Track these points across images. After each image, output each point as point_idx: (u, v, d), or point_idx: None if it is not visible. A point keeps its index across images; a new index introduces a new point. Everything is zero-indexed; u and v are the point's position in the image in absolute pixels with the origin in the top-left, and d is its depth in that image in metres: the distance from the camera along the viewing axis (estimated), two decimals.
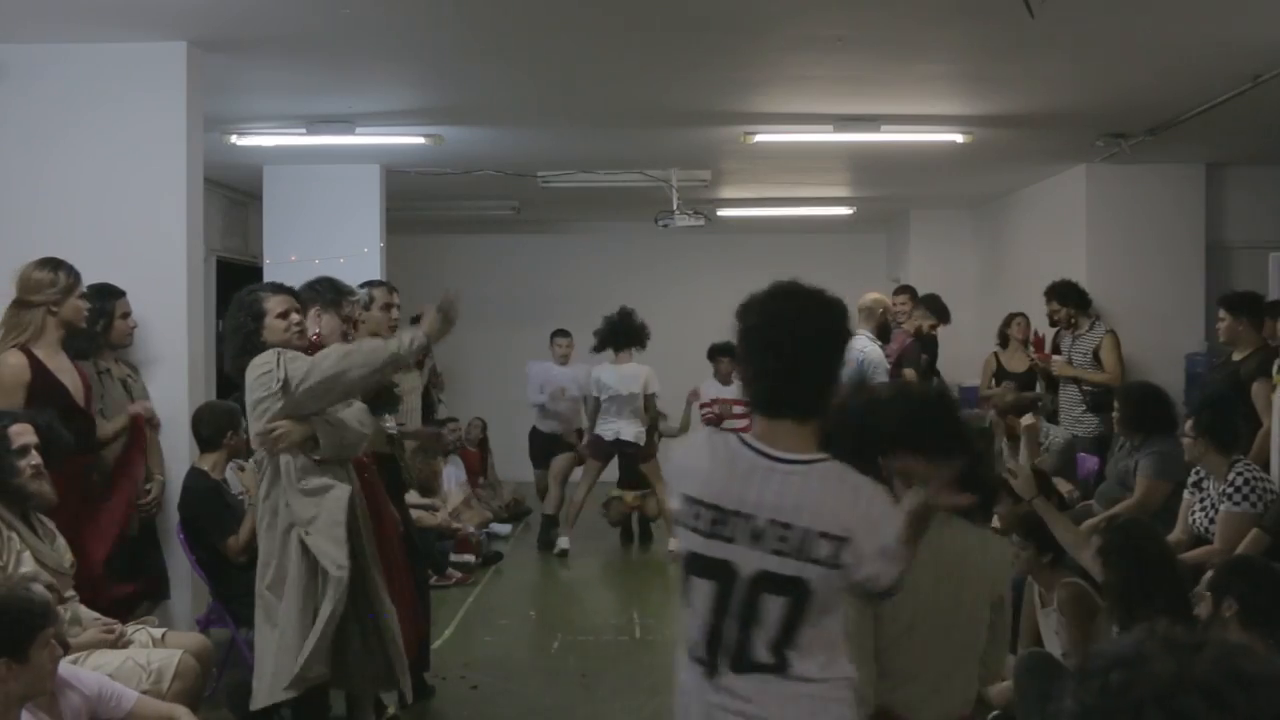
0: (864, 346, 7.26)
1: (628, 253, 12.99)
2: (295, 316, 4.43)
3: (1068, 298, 8.07)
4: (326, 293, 4.95)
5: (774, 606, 2.34)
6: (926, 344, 8.31)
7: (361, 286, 5.32)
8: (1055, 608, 4.56)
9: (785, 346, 2.40)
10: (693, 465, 2.50)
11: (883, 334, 7.66)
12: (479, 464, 10.48)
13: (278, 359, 4.16)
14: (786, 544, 2.33)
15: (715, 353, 9.17)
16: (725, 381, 8.94)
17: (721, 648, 2.39)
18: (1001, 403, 7.40)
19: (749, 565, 2.36)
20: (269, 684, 4.14)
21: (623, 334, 8.89)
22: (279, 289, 4.51)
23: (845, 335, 2.52)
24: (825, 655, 2.39)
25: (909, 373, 7.91)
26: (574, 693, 5.82)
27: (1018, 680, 4.24)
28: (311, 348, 4.77)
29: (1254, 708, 1.17)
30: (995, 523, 5.82)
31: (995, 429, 8.35)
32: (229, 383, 7.76)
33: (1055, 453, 7.24)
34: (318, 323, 4.90)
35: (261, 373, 4.16)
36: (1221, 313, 6.40)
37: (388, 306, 5.38)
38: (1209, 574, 3.78)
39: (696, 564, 2.43)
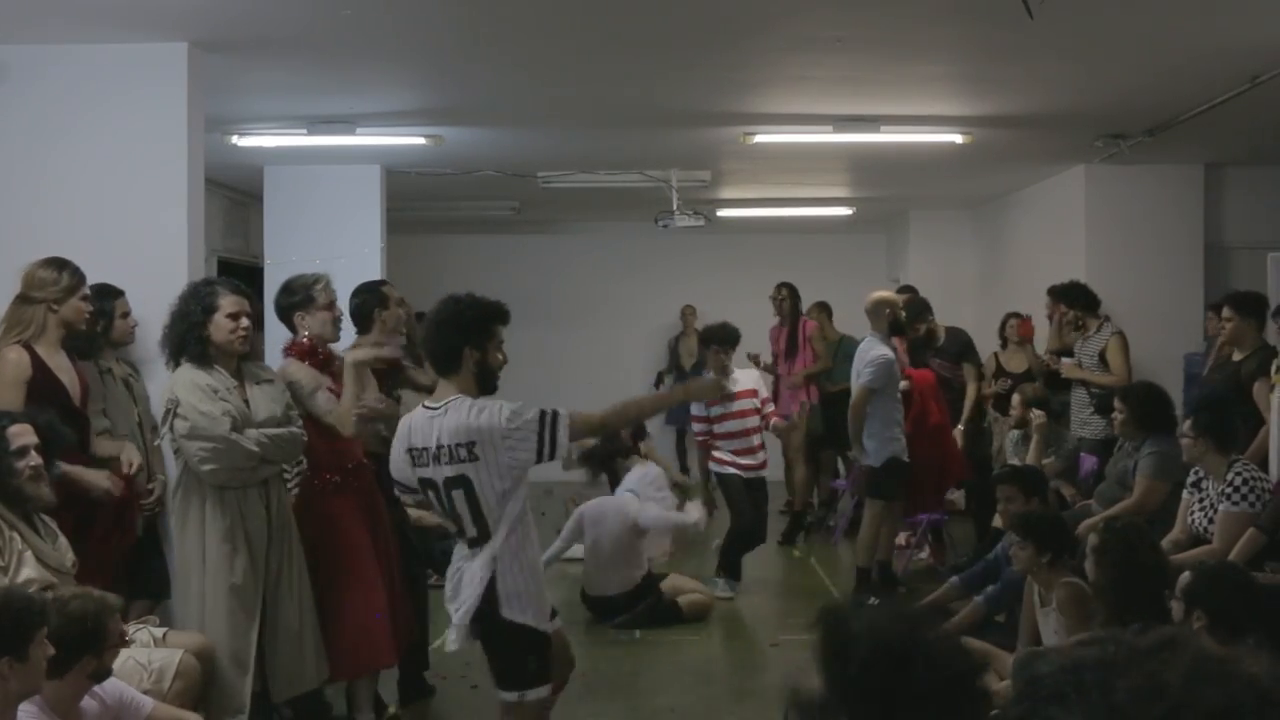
0: (873, 348, 7.22)
1: (628, 253, 12.99)
2: (245, 321, 4.52)
3: (1075, 299, 8.02)
4: (292, 297, 4.97)
5: (459, 498, 3.76)
6: (927, 343, 8.27)
7: (378, 286, 5.37)
8: (1054, 608, 4.57)
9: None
10: (402, 431, 3.93)
11: (896, 332, 7.58)
12: None
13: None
14: (450, 455, 3.74)
15: (706, 339, 7.90)
16: (720, 370, 7.50)
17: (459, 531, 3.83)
18: (1027, 395, 7.37)
19: (439, 476, 3.77)
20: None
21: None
22: (238, 289, 4.60)
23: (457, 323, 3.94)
24: (507, 527, 3.75)
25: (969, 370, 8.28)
26: (574, 693, 5.83)
27: (1015, 680, 4.24)
28: (302, 352, 4.81)
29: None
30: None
31: (995, 427, 8.37)
32: None
33: (1062, 456, 7.21)
34: (304, 326, 4.91)
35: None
36: (1228, 312, 6.38)
37: (399, 303, 5.38)
38: (1184, 579, 3.77)
39: (422, 484, 3.86)
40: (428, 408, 3.84)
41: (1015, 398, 7.43)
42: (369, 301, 5.19)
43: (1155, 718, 1.02)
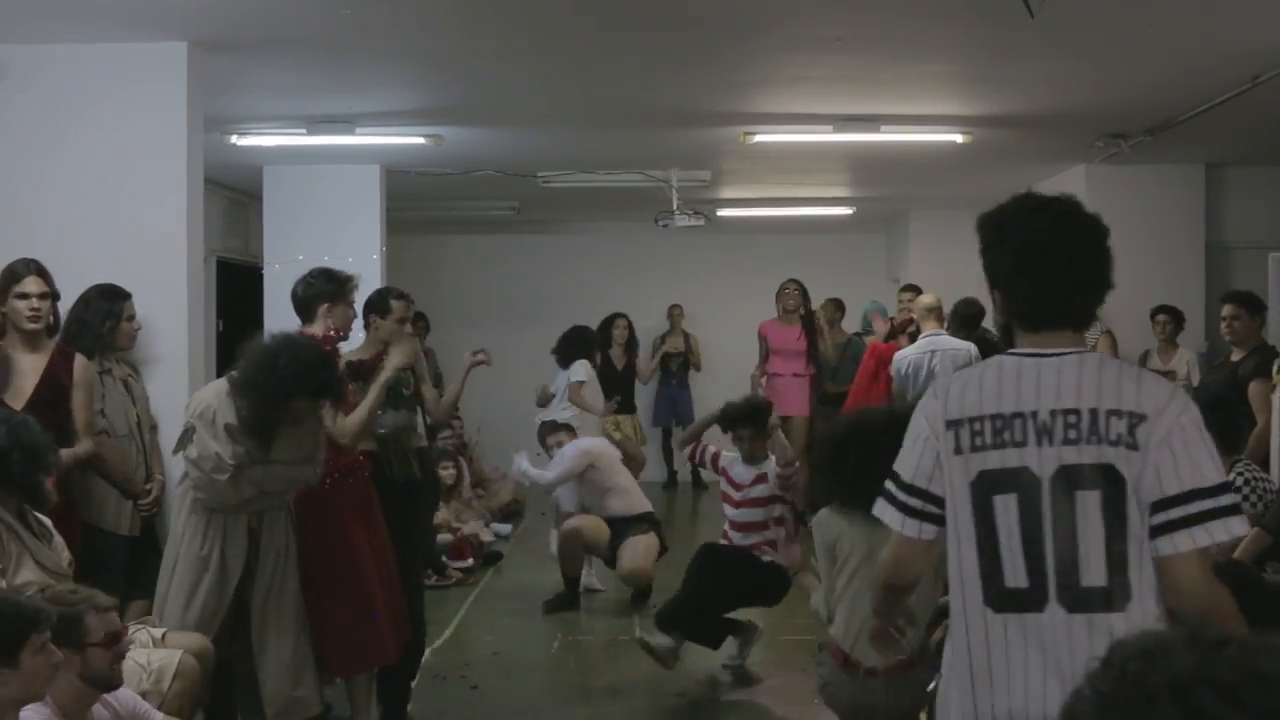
0: (954, 345, 7.27)
1: (628, 253, 12.98)
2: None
3: None
4: (327, 286, 4.97)
5: (1090, 505, 2.10)
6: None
7: (388, 296, 5.35)
8: None
9: (1061, 261, 2.36)
10: (958, 391, 2.30)
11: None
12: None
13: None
14: (1077, 430, 2.15)
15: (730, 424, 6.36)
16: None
17: (1047, 572, 2.11)
18: None
19: (1047, 463, 2.16)
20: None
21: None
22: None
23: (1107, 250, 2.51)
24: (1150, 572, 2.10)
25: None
26: (574, 693, 5.83)
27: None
28: (326, 341, 4.80)
29: (1270, 707, 1.16)
30: None
31: None
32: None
33: None
34: (328, 319, 4.91)
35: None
36: (1233, 309, 6.38)
37: (403, 320, 5.31)
38: None
39: (988, 481, 2.20)
40: (1029, 354, 2.30)
41: None
42: (374, 303, 5.28)
43: None
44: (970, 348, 7.26)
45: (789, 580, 5.93)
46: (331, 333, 4.93)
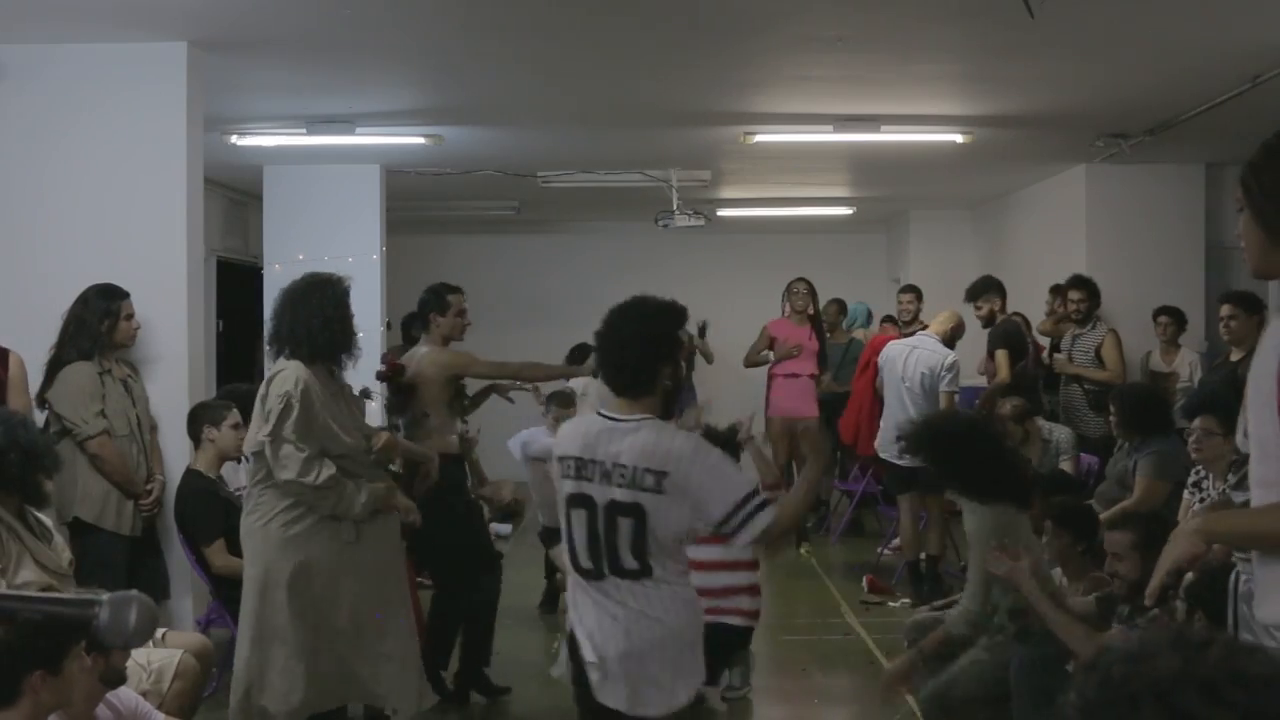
0: (932, 348, 7.39)
1: (628, 253, 12.98)
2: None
3: (1093, 289, 8.01)
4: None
5: (625, 525, 3.12)
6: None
7: (443, 292, 5.53)
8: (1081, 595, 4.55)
9: (617, 346, 3.27)
10: (566, 433, 3.34)
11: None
12: None
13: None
14: (624, 478, 3.11)
15: None
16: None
17: (602, 558, 3.15)
18: (1004, 412, 7.31)
19: (603, 497, 3.14)
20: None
21: None
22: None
23: (664, 337, 3.30)
24: (673, 562, 3.15)
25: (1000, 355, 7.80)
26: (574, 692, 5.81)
27: (1015, 679, 4.24)
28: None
29: (1254, 707, 1.17)
30: None
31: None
32: (230, 380, 7.77)
33: (1069, 460, 7.08)
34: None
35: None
36: (1230, 309, 6.38)
37: (460, 313, 5.53)
38: (1187, 579, 3.76)
39: (569, 500, 3.23)
40: (608, 418, 3.21)
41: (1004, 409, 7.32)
42: (430, 302, 5.48)
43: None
44: (946, 357, 7.31)
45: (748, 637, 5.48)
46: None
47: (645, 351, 3.22)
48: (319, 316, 4.33)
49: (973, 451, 4.51)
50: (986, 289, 8.03)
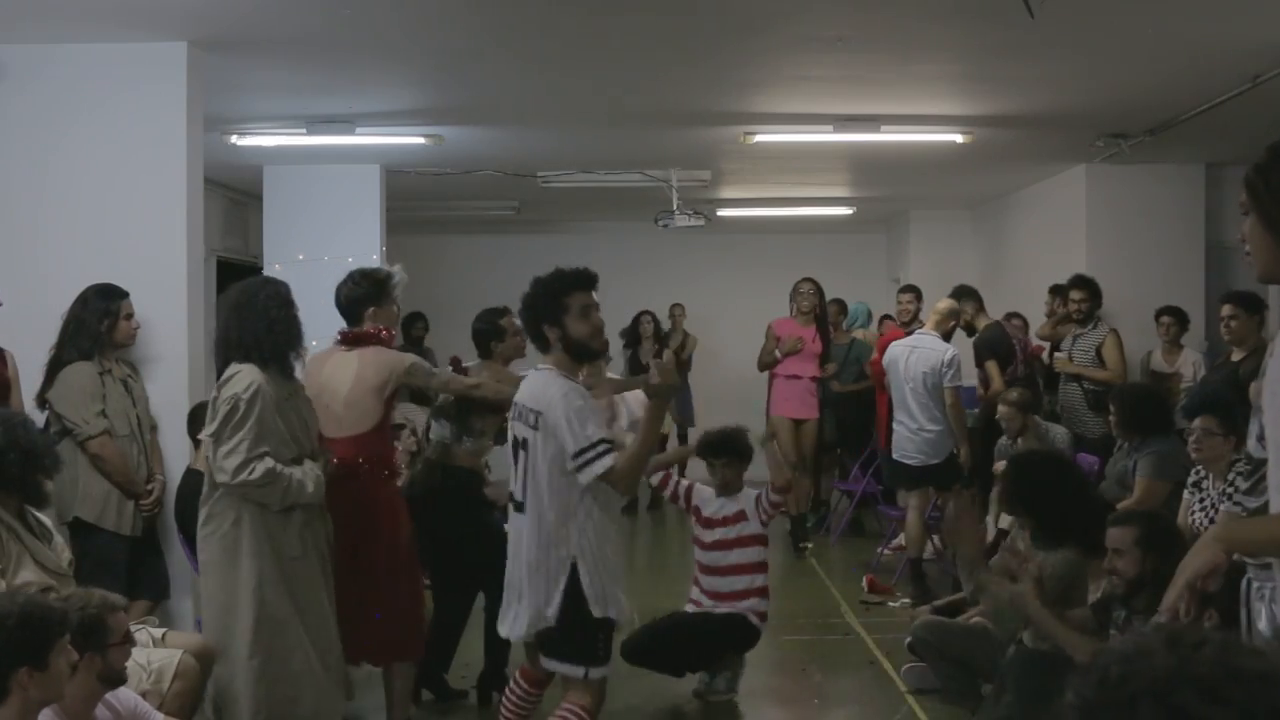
0: (938, 346, 7.39)
1: (628, 253, 12.97)
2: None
3: (1095, 289, 8.02)
4: (370, 288, 4.94)
5: (521, 458, 3.92)
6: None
7: (495, 318, 5.56)
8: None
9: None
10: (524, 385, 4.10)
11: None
12: None
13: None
14: (521, 418, 3.93)
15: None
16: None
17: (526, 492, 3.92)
18: (1009, 398, 7.33)
19: (520, 434, 3.96)
20: None
21: None
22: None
23: (537, 301, 4.10)
24: (560, 502, 3.81)
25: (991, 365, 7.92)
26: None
27: (1013, 679, 4.24)
28: (380, 343, 4.84)
29: (1251, 704, 1.17)
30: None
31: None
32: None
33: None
34: (375, 321, 4.92)
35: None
36: (1231, 309, 6.38)
37: (517, 333, 5.39)
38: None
39: (514, 441, 4.02)
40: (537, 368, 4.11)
41: (1003, 410, 7.30)
42: (485, 331, 5.53)
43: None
44: (945, 353, 7.31)
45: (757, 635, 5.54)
46: (382, 332, 4.94)
47: (526, 315, 4.07)
48: (264, 320, 4.28)
49: (1055, 496, 4.67)
50: (960, 298, 8.10)
